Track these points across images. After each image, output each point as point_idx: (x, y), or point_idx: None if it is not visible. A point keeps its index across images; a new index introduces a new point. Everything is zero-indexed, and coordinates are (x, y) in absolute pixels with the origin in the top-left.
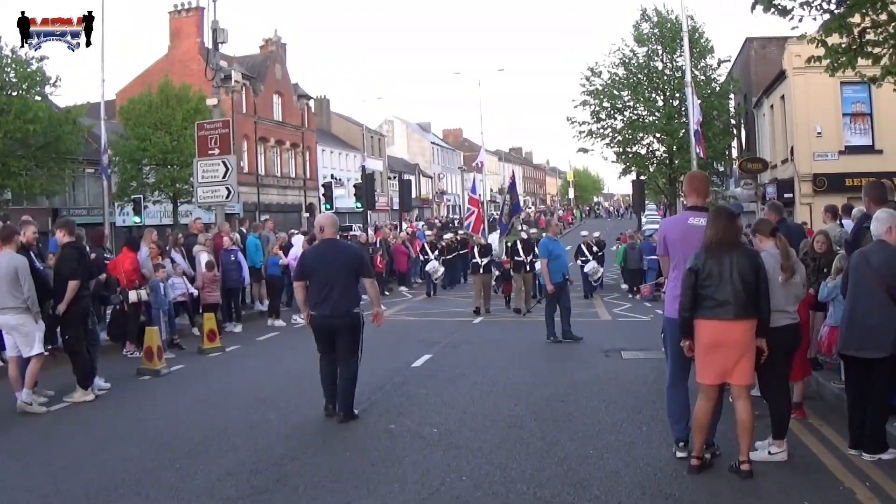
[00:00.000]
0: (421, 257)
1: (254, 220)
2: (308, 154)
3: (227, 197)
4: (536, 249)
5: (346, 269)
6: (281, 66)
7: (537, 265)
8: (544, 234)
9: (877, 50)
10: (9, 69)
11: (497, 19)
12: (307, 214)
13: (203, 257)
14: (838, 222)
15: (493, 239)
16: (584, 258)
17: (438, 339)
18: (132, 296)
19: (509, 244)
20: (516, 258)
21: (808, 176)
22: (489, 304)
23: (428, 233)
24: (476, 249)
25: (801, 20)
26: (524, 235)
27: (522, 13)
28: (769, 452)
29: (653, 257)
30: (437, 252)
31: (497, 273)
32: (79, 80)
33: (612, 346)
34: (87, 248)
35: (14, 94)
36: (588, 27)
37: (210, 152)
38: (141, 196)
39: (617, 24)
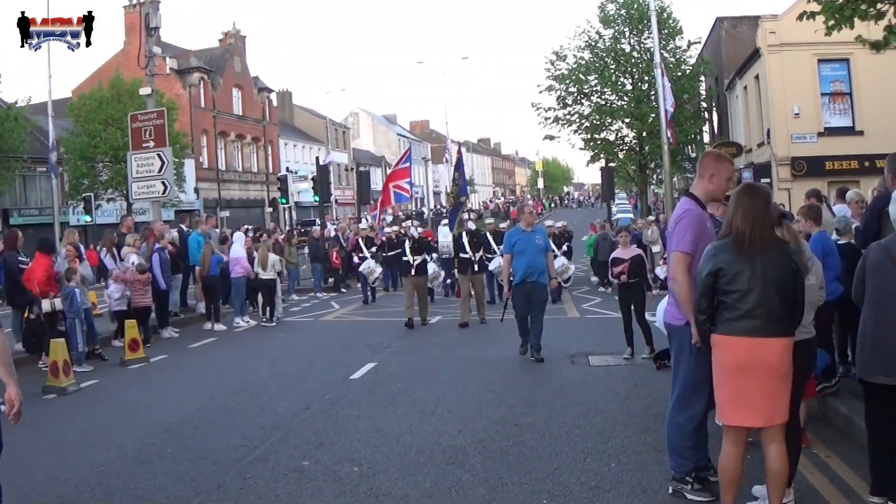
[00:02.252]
0: (354, 257)
1: (198, 218)
2: (270, 148)
3: (164, 192)
4: (492, 243)
5: None
6: (240, 59)
7: (492, 264)
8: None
9: (880, 6)
10: None
11: (459, 6)
12: (271, 209)
13: (132, 258)
14: (825, 205)
15: (444, 233)
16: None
17: (388, 344)
18: (45, 304)
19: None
20: (461, 255)
21: (786, 159)
22: (426, 312)
23: (362, 226)
24: (408, 244)
25: None
26: (471, 226)
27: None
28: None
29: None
30: (374, 249)
31: (438, 273)
32: (36, 77)
33: (580, 348)
34: None
35: None
36: (553, 11)
37: (144, 145)
38: (92, 194)
39: (582, 5)
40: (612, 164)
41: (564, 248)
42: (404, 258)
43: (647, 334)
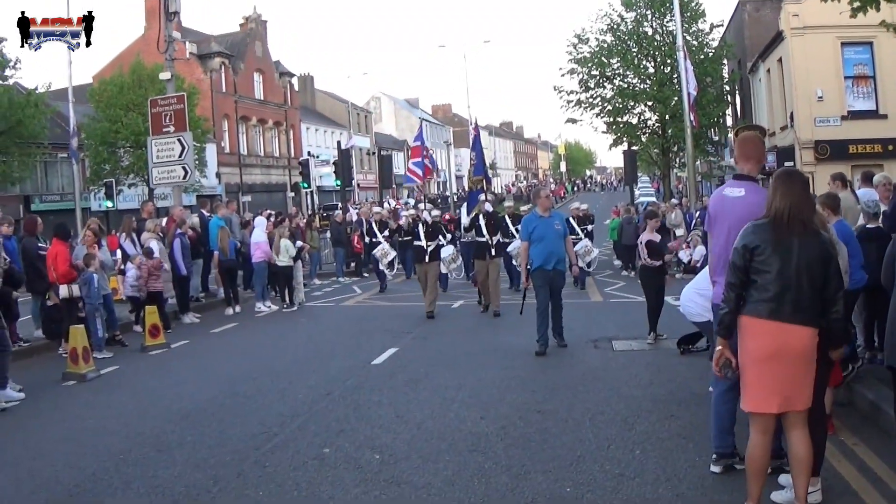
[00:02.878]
0: (367, 239)
1: (219, 202)
2: (292, 132)
3: (184, 177)
4: (511, 227)
5: None
6: (261, 43)
7: (511, 246)
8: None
9: None
10: None
11: None
12: (293, 194)
13: (153, 245)
14: (850, 191)
15: (464, 216)
16: (573, 236)
17: (409, 329)
18: (62, 290)
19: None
20: (478, 239)
21: (809, 143)
22: (434, 301)
23: (376, 210)
24: (422, 228)
25: None
26: (488, 208)
27: None
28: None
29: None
30: (386, 232)
31: (457, 256)
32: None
33: (603, 333)
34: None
35: None
36: None
37: (164, 130)
38: (113, 180)
39: None
40: (634, 148)
41: (588, 229)
42: (417, 243)
43: (656, 315)
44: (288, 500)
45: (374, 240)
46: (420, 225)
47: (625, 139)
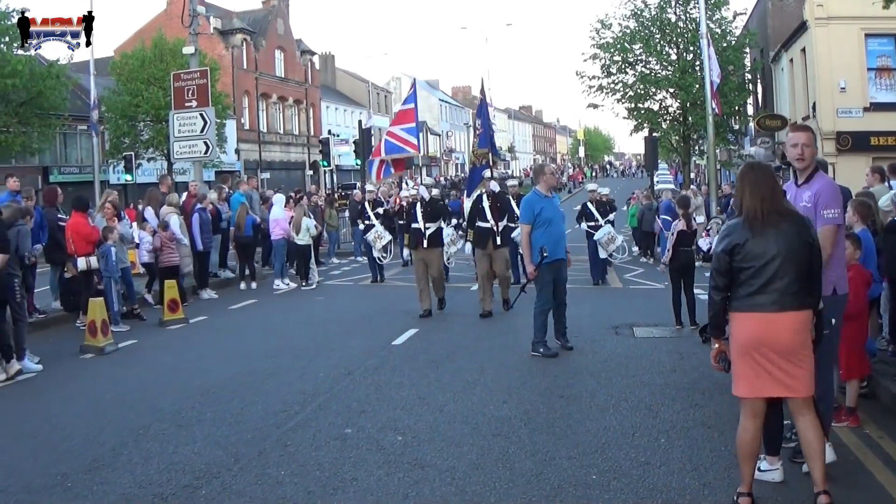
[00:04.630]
0: (359, 224)
1: (240, 178)
2: (312, 111)
3: (206, 153)
4: (516, 210)
5: None
6: (283, 21)
7: (515, 233)
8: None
9: None
10: None
11: None
12: (311, 172)
13: (173, 220)
14: (887, 184)
15: (466, 201)
16: (592, 223)
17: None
18: (80, 263)
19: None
20: (479, 224)
21: (831, 134)
22: (443, 291)
23: (369, 188)
24: (419, 208)
25: None
26: (494, 187)
27: None
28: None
29: (666, 217)
30: (380, 210)
31: (457, 239)
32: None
33: (623, 320)
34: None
35: None
36: None
37: (187, 104)
38: (132, 153)
39: None
40: (656, 135)
41: (611, 217)
42: (414, 225)
43: (692, 308)
44: (310, 479)
45: (367, 222)
46: (418, 205)
47: (646, 125)
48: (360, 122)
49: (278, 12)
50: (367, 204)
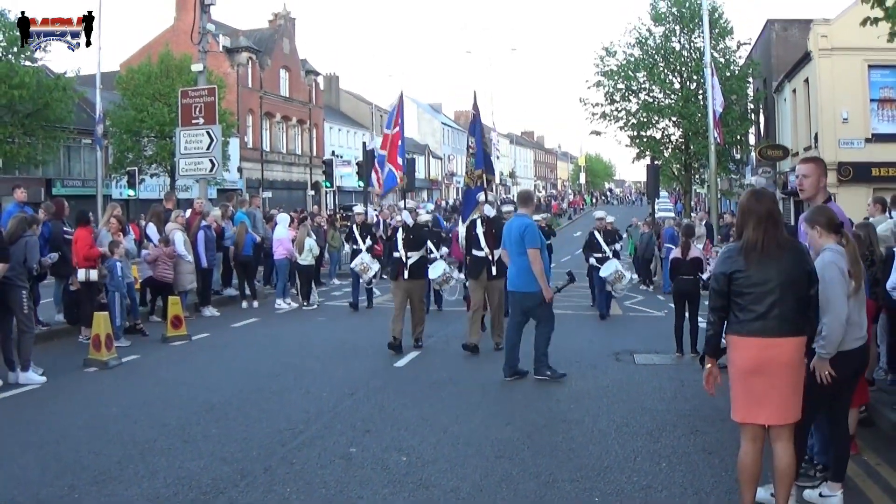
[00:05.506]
0: (347, 247)
1: (242, 197)
2: (315, 131)
3: (211, 170)
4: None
5: None
6: (289, 40)
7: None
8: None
9: None
10: None
11: None
12: (313, 192)
13: (178, 236)
14: (888, 215)
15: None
16: (598, 254)
17: (430, 333)
18: (80, 275)
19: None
20: (474, 252)
21: (832, 164)
22: (421, 326)
23: (358, 210)
24: (400, 234)
25: None
26: (488, 211)
27: None
28: (821, 494)
29: (670, 245)
30: (368, 241)
31: (449, 276)
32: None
33: (624, 346)
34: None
35: (0, 58)
36: (604, 5)
37: (194, 121)
38: (136, 168)
39: (635, 2)
40: (658, 162)
41: (617, 247)
42: (395, 254)
43: (694, 336)
44: (316, 497)
45: (354, 247)
46: (400, 230)
47: (648, 153)
48: (363, 143)
49: (284, 32)
50: (355, 227)
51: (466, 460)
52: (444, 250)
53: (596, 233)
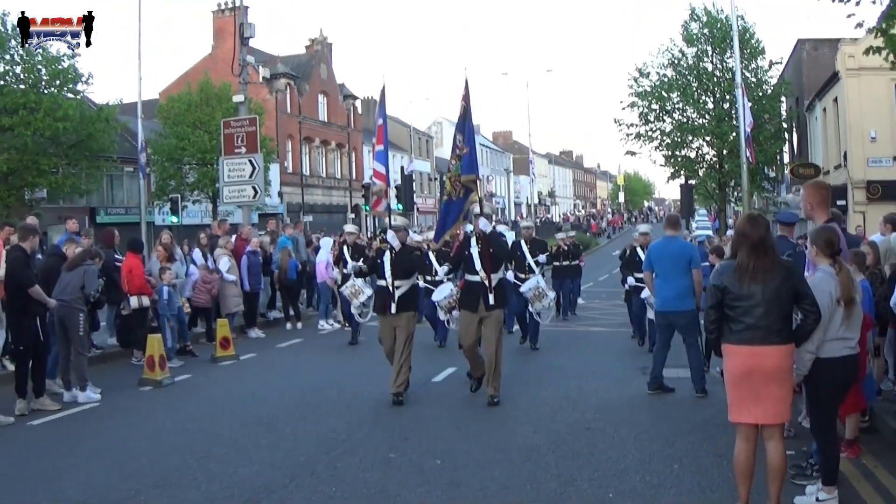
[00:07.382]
0: (334, 272)
1: (285, 222)
2: (354, 155)
3: (254, 197)
4: (528, 256)
5: None
6: (326, 65)
7: (527, 285)
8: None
9: None
10: (40, 67)
11: (546, 20)
12: (353, 215)
13: (224, 261)
14: None
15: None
16: (638, 275)
17: (457, 354)
18: (133, 301)
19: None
20: (467, 277)
21: (861, 183)
22: (406, 375)
23: (348, 229)
24: (388, 257)
25: (857, 3)
26: (484, 226)
27: (572, 13)
28: (817, 499)
29: (706, 264)
30: (360, 262)
31: (453, 298)
32: (126, 79)
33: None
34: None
35: (45, 91)
36: (638, 27)
37: (236, 150)
38: (179, 196)
39: (667, 23)
40: (692, 182)
41: None
42: (380, 283)
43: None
44: (359, 496)
45: (345, 271)
46: (387, 254)
47: (682, 173)
48: (402, 167)
49: (321, 57)
50: (345, 248)
51: (494, 463)
52: (447, 267)
53: (639, 249)
